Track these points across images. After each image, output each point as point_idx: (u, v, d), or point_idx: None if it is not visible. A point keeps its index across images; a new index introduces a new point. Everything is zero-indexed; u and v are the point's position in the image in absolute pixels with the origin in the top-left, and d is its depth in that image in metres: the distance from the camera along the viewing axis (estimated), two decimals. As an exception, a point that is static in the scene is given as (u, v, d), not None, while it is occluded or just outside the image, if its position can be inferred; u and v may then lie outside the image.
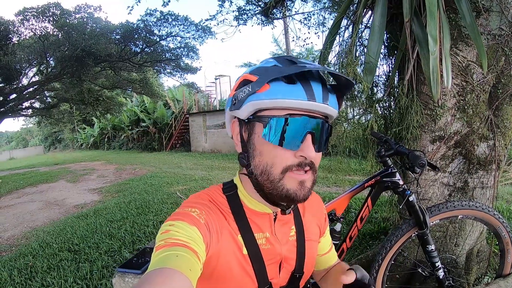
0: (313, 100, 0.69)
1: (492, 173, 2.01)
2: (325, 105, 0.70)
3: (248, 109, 0.74)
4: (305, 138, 0.72)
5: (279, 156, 0.73)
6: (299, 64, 0.72)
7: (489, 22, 1.82)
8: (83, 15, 13.25)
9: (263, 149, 0.75)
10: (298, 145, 0.72)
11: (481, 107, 1.92)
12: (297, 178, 0.74)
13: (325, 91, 0.71)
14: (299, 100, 0.69)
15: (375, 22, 1.84)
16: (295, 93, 0.69)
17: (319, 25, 5.39)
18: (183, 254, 0.63)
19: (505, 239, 1.75)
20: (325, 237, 1.04)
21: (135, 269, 1.52)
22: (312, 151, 0.72)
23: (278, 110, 0.72)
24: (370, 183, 1.78)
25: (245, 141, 0.79)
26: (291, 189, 0.74)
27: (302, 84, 0.69)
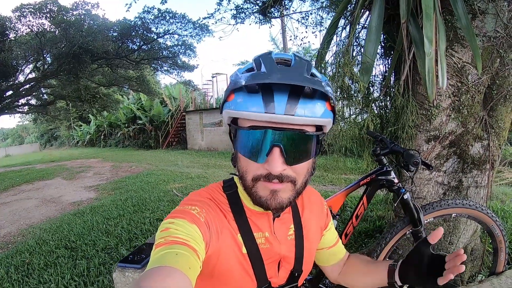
0: (272, 112, 0.64)
1: (486, 173, 2.04)
2: (288, 116, 0.65)
3: (225, 116, 0.75)
4: (270, 151, 0.68)
5: (249, 164, 0.73)
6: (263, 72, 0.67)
7: (485, 24, 1.85)
8: (81, 12, 13.15)
9: (239, 155, 0.75)
10: (264, 158, 0.69)
11: (476, 108, 1.95)
12: (268, 186, 0.72)
13: (293, 100, 0.65)
14: (257, 113, 0.65)
15: (372, 22, 1.86)
16: (254, 104, 0.66)
17: (317, 24, 5.39)
18: (183, 252, 0.63)
19: (498, 237, 1.77)
20: (329, 230, 1.04)
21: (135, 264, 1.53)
22: (277, 165, 0.68)
23: (245, 121, 0.70)
24: (365, 181, 1.80)
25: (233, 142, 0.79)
26: (263, 196, 0.73)
27: (262, 95, 0.65)
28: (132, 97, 26.06)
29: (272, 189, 0.72)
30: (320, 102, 0.69)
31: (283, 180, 0.71)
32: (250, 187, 0.74)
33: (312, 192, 1.04)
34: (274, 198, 0.72)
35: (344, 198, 1.87)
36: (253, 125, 0.69)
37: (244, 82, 0.66)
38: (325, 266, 1.07)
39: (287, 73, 0.66)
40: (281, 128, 0.67)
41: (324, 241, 1.03)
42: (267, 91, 0.65)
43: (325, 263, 1.07)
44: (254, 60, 0.72)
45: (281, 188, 0.72)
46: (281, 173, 0.70)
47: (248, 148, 0.71)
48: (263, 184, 0.72)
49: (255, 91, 0.66)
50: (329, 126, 0.74)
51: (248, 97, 0.67)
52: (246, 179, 0.74)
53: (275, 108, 0.65)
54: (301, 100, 0.66)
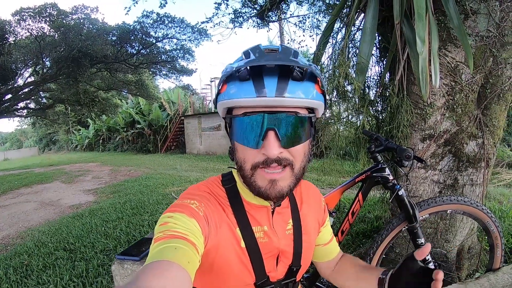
0: (263, 95, 0.66)
1: (482, 171, 2.06)
2: (279, 98, 0.66)
3: (220, 109, 0.77)
4: (266, 136, 0.69)
5: (247, 152, 0.74)
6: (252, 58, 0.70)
7: (477, 24, 1.88)
8: (80, 16, 13.20)
9: (237, 145, 0.76)
10: (259, 142, 0.70)
11: (470, 107, 1.98)
12: (265, 176, 0.73)
13: (282, 82, 0.67)
14: (249, 98, 0.67)
15: (366, 24, 1.89)
16: (246, 90, 0.68)
17: (314, 28, 5.45)
18: (182, 247, 0.63)
19: (494, 233, 1.79)
20: (325, 227, 1.05)
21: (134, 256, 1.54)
22: (274, 148, 0.69)
23: (238, 109, 0.73)
24: (360, 178, 1.83)
25: (229, 136, 0.80)
26: (262, 186, 0.74)
27: (253, 80, 0.67)
28: (131, 101, 26.11)
29: (270, 178, 0.72)
30: (309, 84, 0.71)
31: (281, 163, 0.71)
32: (249, 176, 0.74)
33: (311, 187, 1.05)
34: (273, 187, 0.73)
35: (340, 195, 1.90)
36: (246, 111, 0.71)
37: (235, 67, 0.68)
38: (319, 262, 1.08)
39: (274, 57, 0.69)
40: (274, 112, 0.69)
41: (320, 237, 1.04)
42: (257, 77, 0.67)
43: (319, 259, 1.08)
44: (243, 52, 0.75)
45: (280, 176, 0.73)
46: (278, 156, 0.71)
47: (244, 134, 0.72)
48: (261, 172, 0.73)
49: (246, 78, 0.68)
50: (321, 109, 0.77)
51: (240, 84, 0.69)
52: (245, 168, 0.75)
53: (266, 91, 0.67)
54: (291, 82, 0.68)
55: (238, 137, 0.74)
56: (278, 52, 0.72)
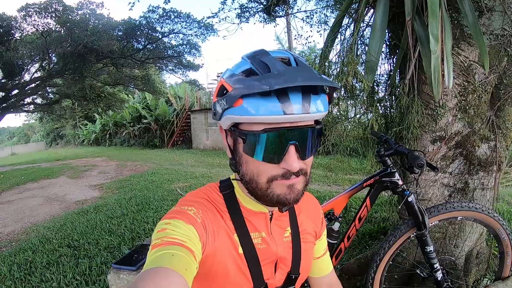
0: (291, 113, 0.64)
1: (493, 175, 1.99)
2: (305, 115, 0.65)
3: (226, 122, 0.73)
4: (287, 151, 0.68)
5: (262, 167, 0.71)
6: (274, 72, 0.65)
7: (492, 22, 1.80)
8: (86, 12, 13.25)
9: (248, 159, 0.73)
10: (280, 158, 0.69)
11: (483, 108, 1.91)
12: (285, 183, 0.72)
13: (306, 98, 0.65)
14: (274, 116, 0.64)
15: (376, 20, 1.83)
16: (270, 108, 0.63)
17: (321, 23, 5.38)
18: (179, 253, 0.63)
19: (504, 241, 1.73)
20: (320, 240, 1.04)
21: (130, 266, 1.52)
22: (295, 162, 0.68)
23: (253, 125, 0.69)
24: (369, 182, 1.77)
25: (231, 147, 0.78)
26: (281, 194, 0.72)
27: (277, 97, 0.63)
28: (137, 96, 26.18)
29: (289, 184, 0.72)
30: (323, 95, 0.70)
31: (298, 174, 0.72)
32: (265, 189, 0.73)
33: (310, 198, 1.04)
34: (292, 191, 0.73)
35: (347, 200, 1.84)
36: (267, 128, 0.67)
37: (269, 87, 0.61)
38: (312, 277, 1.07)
39: (303, 74, 0.65)
40: (296, 127, 0.68)
41: (315, 250, 1.03)
42: (281, 93, 0.64)
43: (312, 273, 1.06)
44: (253, 61, 0.71)
45: (297, 181, 0.73)
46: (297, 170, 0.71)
47: (263, 150, 0.69)
48: (279, 182, 0.72)
49: (267, 93, 0.64)
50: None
51: (262, 100, 0.64)
52: (259, 181, 0.73)
53: (293, 109, 0.64)
54: (312, 97, 0.66)
55: (255, 153, 0.70)
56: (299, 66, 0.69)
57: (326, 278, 1.06)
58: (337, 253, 1.86)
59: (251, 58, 0.71)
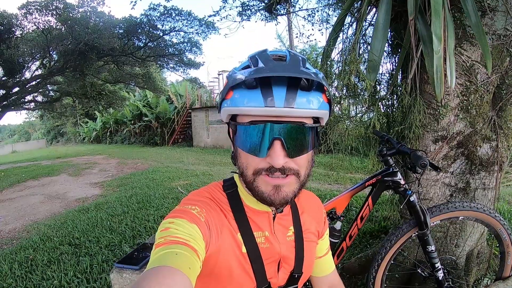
0: (272, 106, 0.65)
1: (494, 175, 1.99)
2: (288, 109, 0.66)
3: (224, 115, 0.76)
4: (271, 145, 0.69)
5: (250, 159, 0.73)
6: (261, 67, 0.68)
7: (495, 22, 1.80)
8: (86, 9, 13.20)
9: (240, 151, 0.76)
10: (265, 152, 0.70)
11: (485, 108, 1.90)
12: (269, 181, 0.72)
13: (291, 92, 0.66)
14: (257, 107, 0.66)
15: (379, 19, 1.82)
16: (254, 99, 0.66)
17: (323, 22, 5.35)
18: (183, 252, 0.63)
19: (505, 241, 1.73)
20: (323, 239, 1.04)
21: (133, 265, 1.52)
22: (279, 158, 0.69)
23: (244, 117, 0.71)
24: (371, 182, 1.77)
25: (232, 140, 0.80)
26: (265, 192, 0.73)
27: (261, 89, 0.66)
28: (138, 94, 26.20)
29: (275, 184, 0.72)
30: (317, 94, 0.71)
31: (285, 172, 0.71)
32: (251, 181, 0.74)
33: (313, 198, 1.04)
34: (277, 193, 0.73)
35: (349, 199, 1.84)
36: (253, 120, 0.69)
37: (244, 77, 0.66)
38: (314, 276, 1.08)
39: (284, 67, 0.68)
40: (281, 121, 0.68)
41: (317, 249, 1.03)
42: (265, 85, 0.66)
43: (314, 273, 1.07)
44: (250, 58, 0.74)
45: (285, 182, 0.72)
46: (283, 165, 0.70)
47: (249, 143, 0.71)
48: (264, 178, 0.72)
49: (253, 86, 0.67)
50: (326, 118, 0.76)
51: (247, 92, 0.68)
52: (247, 174, 0.75)
53: (274, 101, 0.66)
54: (299, 92, 0.67)
55: (243, 144, 0.73)
56: (287, 61, 0.70)
57: (328, 278, 1.06)
58: (339, 252, 1.86)
59: (251, 55, 0.74)
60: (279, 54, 0.73)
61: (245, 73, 0.67)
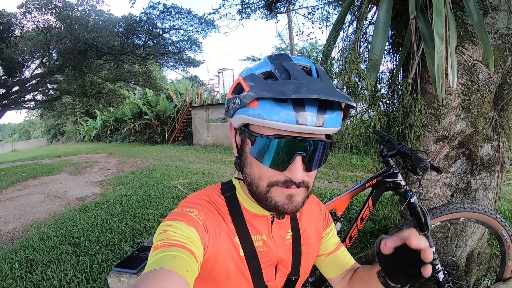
0: (304, 124, 0.63)
1: (496, 175, 1.98)
2: (318, 128, 0.65)
3: (238, 121, 0.73)
4: (293, 160, 0.68)
5: (266, 172, 0.72)
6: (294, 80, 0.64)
7: (496, 21, 1.78)
8: (86, 8, 13.18)
9: (252, 161, 0.74)
10: (285, 166, 0.69)
11: (486, 108, 1.89)
12: (284, 191, 0.72)
13: (321, 111, 0.65)
14: (288, 124, 0.63)
15: (379, 18, 1.81)
16: (284, 115, 0.63)
17: (323, 20, 5.33)
18: (181, 255, 0.63)
19: (506, 242, 1.73)
20: (328, 236, 1.02)
21: (131, 269, 1.51)
22: (299, 173, 0.68)
23: (265, 128, 0.68)
24: (371, 183, 1.76)
25: (238, 147, 0.78)
26: (279, 201, 0.73)
27: (293, 106, 0.63)
28: (138, 92, 26.17)
29: (288, 193, 0.72)
30: (339, 112, 0.70)
31: (300, 185, 0.71)
32: (265, 192, 0.73)
33: (311, 198, 1.01)
34: (290, 202, 0.72)
35: (349, 200, 1.83)
36: (278, 134, 0.67)
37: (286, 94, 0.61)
38: (331, 278, 1.03)
39: (320, 87, 0.64)
40: (307, 138, 0.68)
41: (323, 247, 1.01)
42: (298, 102, 0.63)
43: (329, 274, 1.03)
44: (275, 65, 0.70)
45: (297, 192, 0.72)
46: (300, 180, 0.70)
47: (270, 156, 0.69)
48: (279, 189, 0.72)
49: (284, 100, 0.63)
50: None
51: (277, 106, 0.64)
52: (260, 185, 0.73)
53: (306, 120, 0.63)
54: (328, 112, 0.66)
55: (262, 157, 0.70)
56: (321, 79, 0.68)
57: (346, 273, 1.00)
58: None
59: (272, 61, 0.72)
60: (303, 64, 0.71)
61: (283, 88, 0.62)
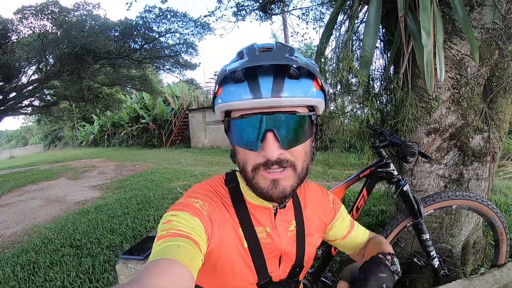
0: (259, 97, 0.64)
1: (487, 165, 2.03)
2: (276, 98, 0.64)
3: (218, 112, 0.75)
4: (264, 137, 0.67)
5: (247, 155, 0.72)
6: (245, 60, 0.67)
7: (483, 16, 1.84)
8: (82, 13, 13.17)
9: (237, 148, 0.75)
10: (258, 144, 0.68)
11: (476, 100, 1.95)
12: (267, 176, 0.71)
13: (278, 81, 0.65)
14: (245, 100, 0.65)
15: (370, 16, 1.86)
16: (241, 92, 0.66)
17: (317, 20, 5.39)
18: (185, 245, 0.64)
19: (499, 229, 1.77)
20: (337, 221, 1.01)
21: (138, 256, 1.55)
22: (273, 150, 0.67)
23: (236, 112, 0.70)
24: (365, 173, 1.81)
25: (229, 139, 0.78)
26: (264, 187, 0.72)
27: (248, 82, 0.65)
28: (135, 97, 26.11)
29: (272, 178, 0.71)
30: (306, 81, 0.69)
31: (282, 164, 0.70)
32: (251, 178, 0.73)
33: (315, 188, 1.02)
34: (275, 187, 0.71)
35: (344, 191, 1.88)
36: (243, 114, 0.69)
37: (227, 69, 0.66)
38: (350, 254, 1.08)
39: (268, 56, 0.67)
40: (272, 112, 0.67)
41: (335, 232, 1.02)
42: (252, 77, 0.65)
43: (348, 251, 1.07)
44: (237, 53, 0.73)
45: (282, 176, 0.71)
46: (279, 157, 0.69)
47: (242, 137, 0.71)
48: (262, 174, 0.71)
49: (240, 80, 0.66)
50: (321, 106, 0.74)
51: (235, 87, 0.67)
52: (246, 170, 0.74)
53: (261, 92, 0.64)
54: (287, 81, 0.66)
55: (237, 140, 0.72)
56: (273, 51, 0.70)
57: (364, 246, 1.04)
58: (336, 244, 1.90)
59: (239, 51, 0.74)
60: (266, 46, 0.72)
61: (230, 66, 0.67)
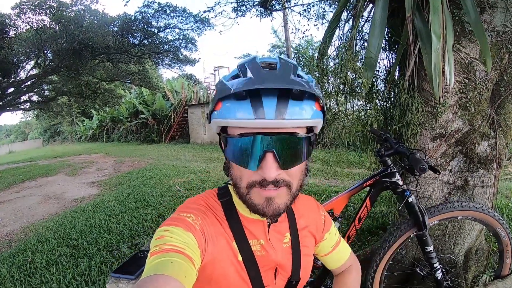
0: (262, 118, 0.63)
1: (493, 172, 1.98)
2: (279, 120, 0.64)
3: (214, 126, 0.74)
4: (263, 158, 0.67)
5: (244, 172, 0.72)
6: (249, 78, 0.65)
7: (493, 19, 1.77)
8: (80, 8, 13.11)
9: (232, 164, 0.74)
10: (256, 164, 0.68)
11: (483, 105, 1.89)
12: (262, 194, 0.71)
13: (282, 103, 0.64)
14: (247, 120, 0.64)
15: (376, 15, 1.79)
16: (243, 111, 0.65)
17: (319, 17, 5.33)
18: (178, 261, 0.63)
19: (504, 240, 1.73)
20: (325, 238, 1.03)
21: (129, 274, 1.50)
22: (271, 171, 0.67)
23: (235, 129, 0.69)
24: (369, 183, 1.75)
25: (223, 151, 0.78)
26: (258, 204, 0.72)
27: (251, 100, 0.64)
28: (134, 92, 26.07)
29: (267, 196, 0.71)
30: (309, 103, 0.69)
31: (278, 184, 0.70)
32: (245, 194, 0.73)
33: (308, 201, 1.03)
34: (270, 205, 0.71)
35: (347, 200, 1.82)
36: (243, 132, 0.68)
37: (232, 89, 0.64)
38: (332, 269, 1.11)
39: (274, 77, 0.65)
40: (273, 133, 0.66)
41: (321, 248, 1.04)
42: (255, 97, 0.64)
43: (329, 266, 1.10)
44: (239, 66, 0.71)
45: (276, 194, 0.71)
46: (276, 178, 0.69)
47: (240, 156, 0.69)
48: (257, 191, 0.71)
49: (243, 97, 0.64)
50: (319, 126, 0.75)
51: (237, 104, 0.66)
52: (240, 186, 0.74)
53: (265, 113, 0.64)
54: (291, 102, 0.65)
55: (235, 157, 0.71)
56: (277, 70, 0.68)
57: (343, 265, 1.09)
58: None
59: (240, 64, 0.72)
60: (269, 61, 0.71)
61: (234, 84, 0.65)
